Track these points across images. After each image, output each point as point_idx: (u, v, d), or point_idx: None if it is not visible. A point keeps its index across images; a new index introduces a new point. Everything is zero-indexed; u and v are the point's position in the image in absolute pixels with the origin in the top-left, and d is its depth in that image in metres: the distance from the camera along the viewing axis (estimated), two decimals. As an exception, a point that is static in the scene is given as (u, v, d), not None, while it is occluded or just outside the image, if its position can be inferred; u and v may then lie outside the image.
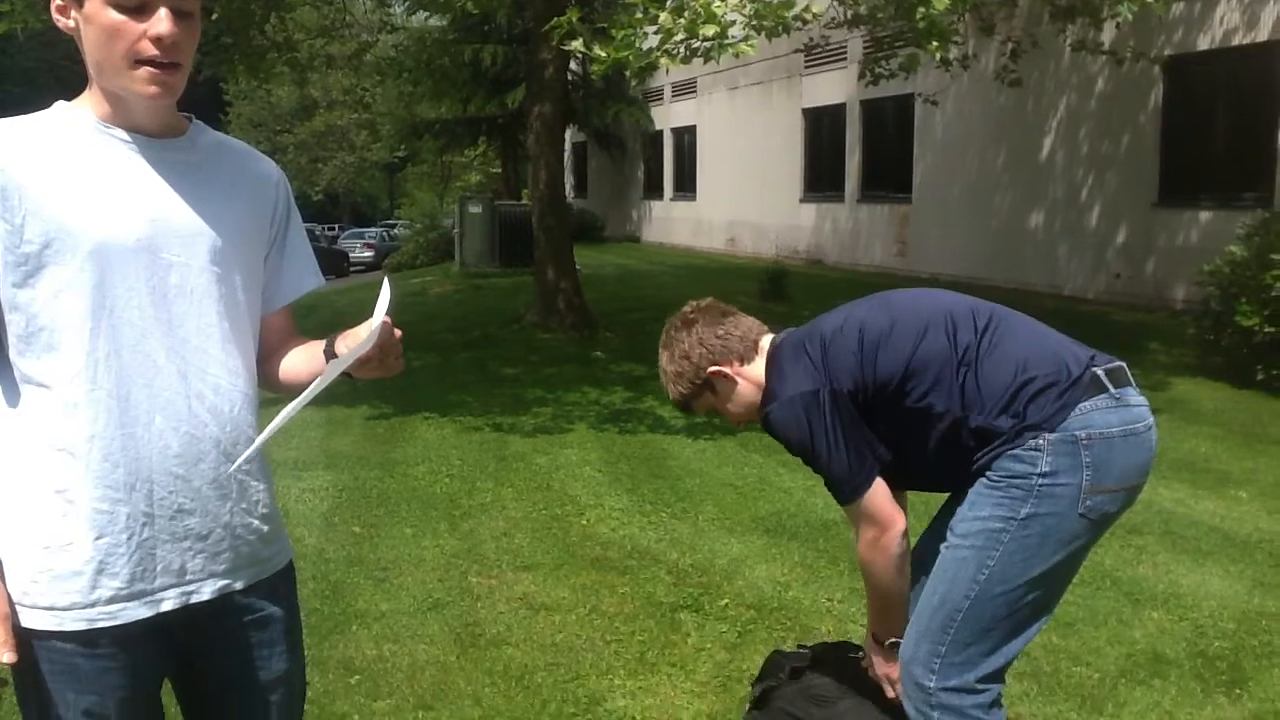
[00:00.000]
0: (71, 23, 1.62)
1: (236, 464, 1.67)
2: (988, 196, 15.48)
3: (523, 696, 3.45)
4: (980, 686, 2.29)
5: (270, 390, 1.87)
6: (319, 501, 5.70)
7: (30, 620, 1.61)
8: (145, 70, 1.59)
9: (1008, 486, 2.23)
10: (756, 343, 2.54)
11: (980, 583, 2.25)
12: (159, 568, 1.66)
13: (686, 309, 2.63)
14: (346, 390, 1.72)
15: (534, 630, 3.97)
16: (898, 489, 2.44)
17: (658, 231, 27.87)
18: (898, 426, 2.34)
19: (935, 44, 8.94)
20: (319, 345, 1.82)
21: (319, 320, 14.10)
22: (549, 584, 4.43)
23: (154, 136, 1.68)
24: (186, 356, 1.67)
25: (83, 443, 1.60)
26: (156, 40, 1.58)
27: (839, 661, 2.72)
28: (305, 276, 1.91)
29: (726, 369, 2.51)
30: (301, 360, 1.85)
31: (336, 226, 46.90)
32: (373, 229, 42.09)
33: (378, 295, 1.66)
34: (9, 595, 1.61)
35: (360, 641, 3.89)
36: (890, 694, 2.49)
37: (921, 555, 2.56)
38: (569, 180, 23.21)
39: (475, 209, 21.01)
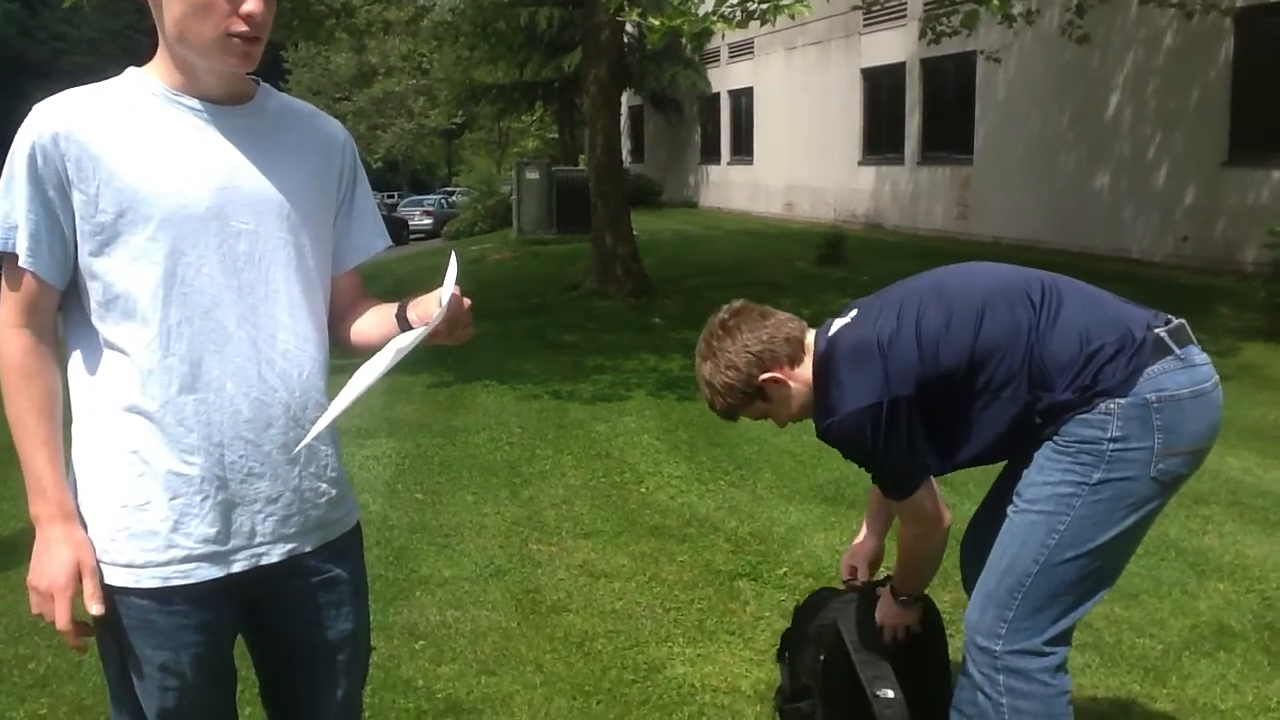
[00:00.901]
0: None
1: (307, 439, 1.70)
2: (1051, 157, 15.19)
3: (583, 663, 3.50)
4: (1047, 649, 2.28)
5: (342, 353, 1.90)
6: (382, 469, 5.79)
7: (110, 576, 1.68)
8: (232, 42, 1.62)
9: (1077, 452, 2.21)
10: (801, 341, 2.46)
11: (1050, 547, 2.23)
12: (231, 529, 1.71)
13: (722, 315, 2.50)
14: (409, 358, 1.75)
15: (594, 597, 4.02)
16: (966, 468, 2.43)
17: (715, 196, 27.75)
18: (967, 412, 2.31)
19: (998, 1, 8.78)
20: (389, 309, 1.85)
21: (381, 288, 14.24)
22: (608, 551, 4.47)
23: (222, 104, 1.71)
24: (256, 323, 1.71)
25: (157, 407, 1.66)
26: (247, 18, 1.61)
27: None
28: (374, 238, 1.95)
29: (778, 374, 2.42)
30: (373, 324, 1.88)
31: (396, 194, 47.23)
32: (431, 196, 42.31)
33: (445, 268, 1.69)
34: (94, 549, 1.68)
35: (424, 607, 3.96)
36: (886, 637, 2.63)
37: (981, 523, 2.56)
38: (625, 145, 23.15)
39: (532, 175, 21.05)
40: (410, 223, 35.05)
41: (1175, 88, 13.00)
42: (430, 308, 1.73)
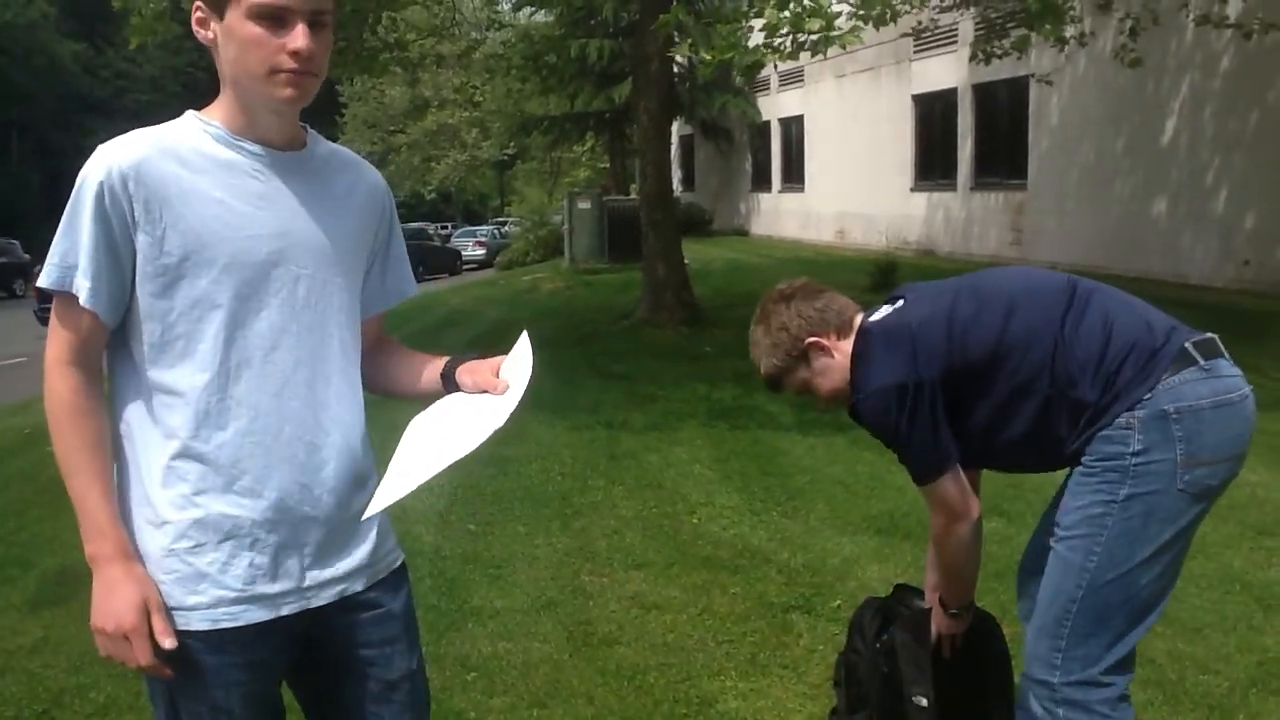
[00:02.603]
0: (211, 34, 1.67)
1: (381, 506, 1.69)
2: (1107, 182, 15.02)
3: (635, 696, 3.48)
4: (1105, 680, 2.25)
5: (366, 391, 1.91)
6: (435, 499, 5.81)
7: None
8: (280, 76, 1.65)
9: (1103, 471, 2.22)
10: (851, 320, 2.56)
11: (1090, 570, 2.23)
12: (279, 571, 1.72)
13: (782, 286, 2.66)
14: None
15: (645, 629, 4.00)
16: (991, 468, 2.52)
17: (766, 224, 27.73)
18: (992, 406, 2.34)
19: (1049, 24, 8.73)
20: (426, 360, 1.91)
21: (434, 318, 14.37)
22: (660, 583, 4.45)
23: (279, 149, 1.74)
24: (314, 366, 1.74)
25: (212, 449, 1.67)
26: (294, 54, 1.64)
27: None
28: (406, 284, 2.00)
29: (824, 340, 2.53)
30: (410, 373, 1.93)
31: (449, 225, 47.70)
32: (484, 227, 42.67)
33: (518, 355, 1.80)
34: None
35: (476, 638, 3.97)
36: (946, 651, 2.64)
37: (1034, 555, 2.53)
38: (676, 174, 23.24)
39: (584, 205, 21.17)
40: (463, 253, 35.38)
41: (1233, 110, 12.81)
42: (486, 377, 1.81)
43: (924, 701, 2.63)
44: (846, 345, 2.53)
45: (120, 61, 47.34)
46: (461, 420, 1.78)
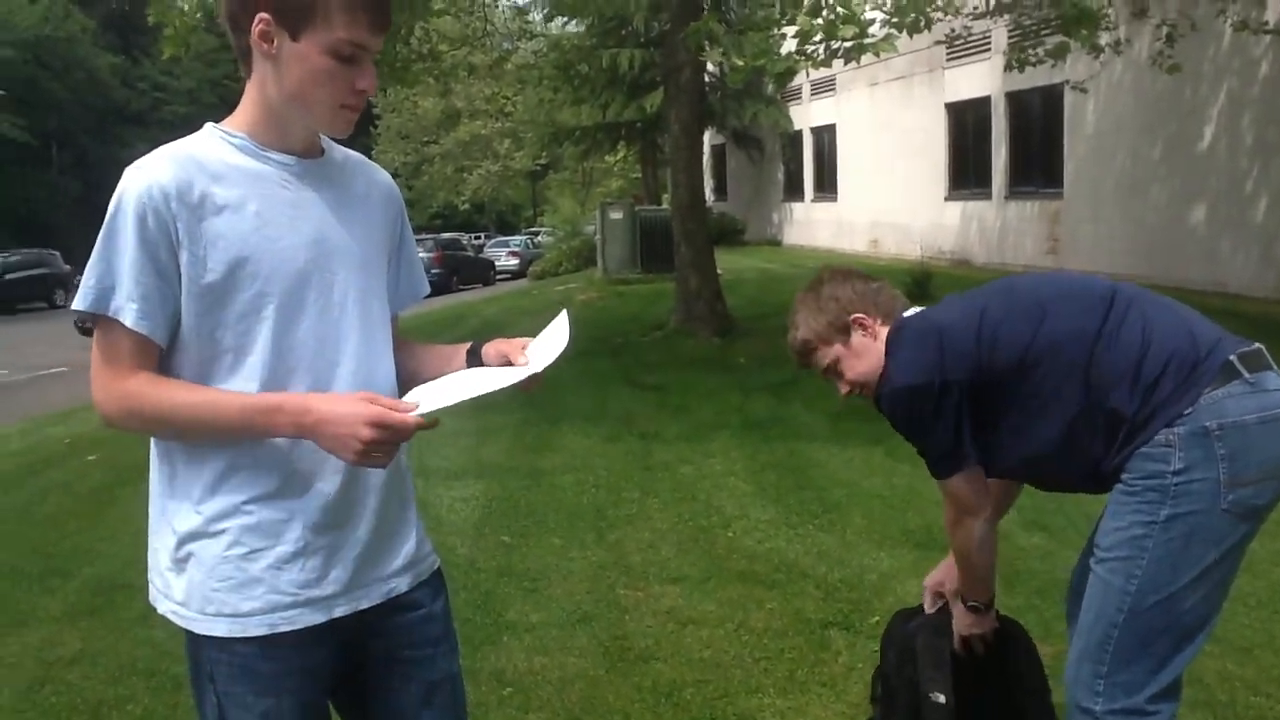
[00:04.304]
0: (273, 50, 1.65)
1: (421, 411, 1.66)
2: (1144, 189, 14.85)
3: (671, 713, 3.45)
4: (1150, 708, 2.18)
5: None
6: (470, 511, 5.82)
7: (214, 628, 1.70)
8: (344, 112, 1.70)
9: (1144, 490, 2.15)
10: (894, 311, 2.55)
11: (1132, 594, 2.16)
12: (329, 576, 1.73)
13: (838, 265, 2.69)
14: (496, 399, 1.78)
15: (682, 645, 3.97)
16: (1025, 480, 2.51)
17: (799, 234, 27.65)
18: (1021, 413, 2.30)
19: (1085, 31, 8.66)
20: (450, 348, 1.94)
21: (468, 329, 14.43)
22: (696, 597, 4.42)
23: (303, 157, 1.75)
24: (354, 369, 1.75)
25: (264, 456, 1.68)
26: (360, 93, 1.69)
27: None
28: (420, 284, 2.01)
29: (869, 319, 2.52)
30: (433, 361, 1.94)
31: (482, 235, 47.92)
32: (517, 237, 42.86)
33: (551, 334, 1.80)
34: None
35: (511, 653, 3.95)
36: (956, 645, 2.60)
37: (1079, 577, 2.48)
38: (708, 183, 23.22)
39: (616, 215, 21.18)
40: (496, 263, 35.54)
41: (1273, 116, 12.63)
42: (511, 349, 1.82)
43: (941, 699, 2.59)
44: (885, 333, 2.51)
45: (157, 74, 47.98)
46: (486, 373, 1.81)
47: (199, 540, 1.69)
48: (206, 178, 1.64)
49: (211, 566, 1.68)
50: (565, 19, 19.22)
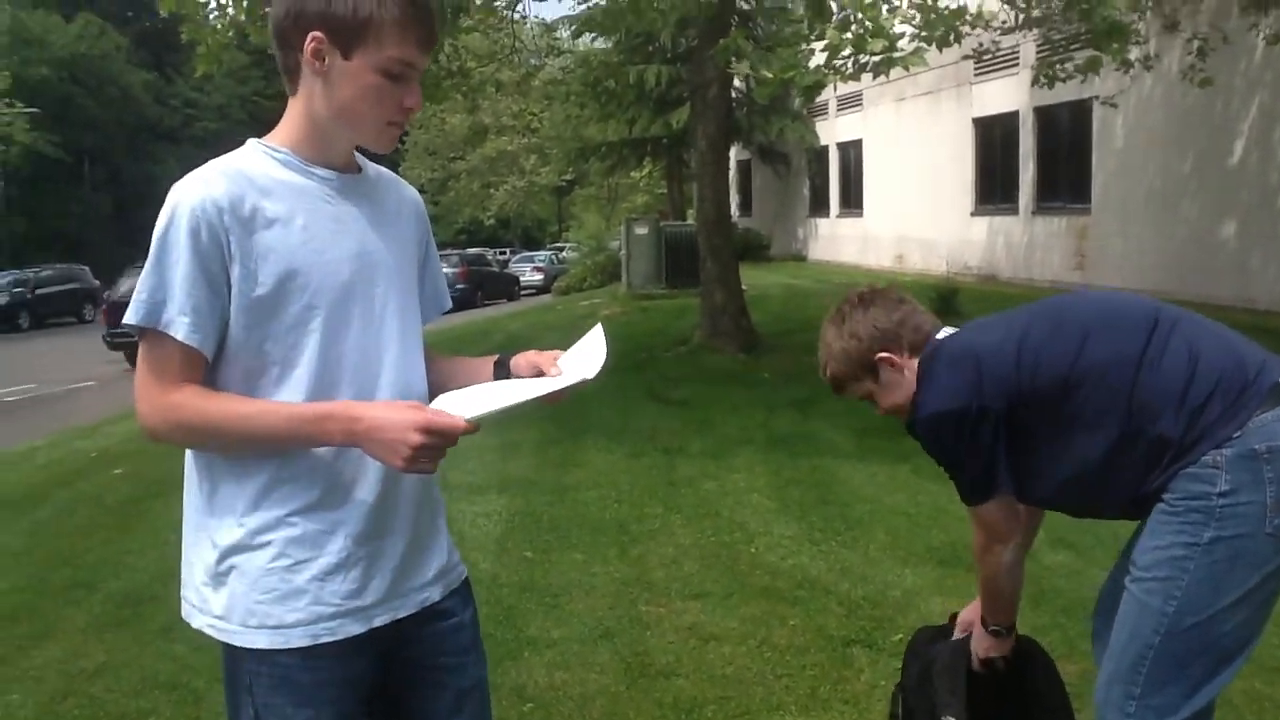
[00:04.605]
0: (324, 68, 1.68)
1: (474, 415, 1.66)
2: (1173, 204, 14.74)
3: (693, 730, 3.43)
4: None
5: None
6: (492, 526, 5.81)
7: (255, 641, 1.70)
8: (391, 129, 1.74)
9: (1187, 511, 2.10)
10: (927, 336, 2.46)
11: (1169, 615, 2.11)
12: (369, 585, 1.75)
13: (863, 289, 2.57)
14: (523, 412, 1.78)
15: (703, 661, 3.94)
16: (1061, 510, 2.44)
17: (824, 249, 27.59)
18: (1063, 439, 2.24)
19: (1115, 45, 8.61)
20: (478, 360, 1.95)
21: (492, 344, 14.46)
22: (718, 613, 4.40)
23: (343, 173, 1.78)
24: (393, 380, 1.77)
25: (308, 469, 1.69)
26: (408, 111, 1.73)
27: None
28: (443, 297, 2.02)
29: (895, 357, 2.43)
30: (460, 372, 1.94)
31: (508, 250, 48.12)
32: (542, 252, 43.01)
33: (584, 347, 1.82)
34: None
35: (533, 668, 3.94)
36: (975, 664, 2.53)
37: (1108, 596, 2.44)
38: (734, 198, 23.20)
39: (641, 230, 21.22)
40: (521, 279, 35.65)
41: (1305, 131, 12.53)
42: (543, 360, 1.84)
43: None
44: (915, 363, 2.44)
45: (189, 91, 48.51)
46: (517, 384, 1.83)
47: (242, 553, 1.70)
48: (256, 192, 1.67)
49: (255, 579, 1.69)
50: (593, 35, 19.28)
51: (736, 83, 13.87)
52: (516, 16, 14.83)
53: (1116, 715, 2.19)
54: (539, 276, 36.20)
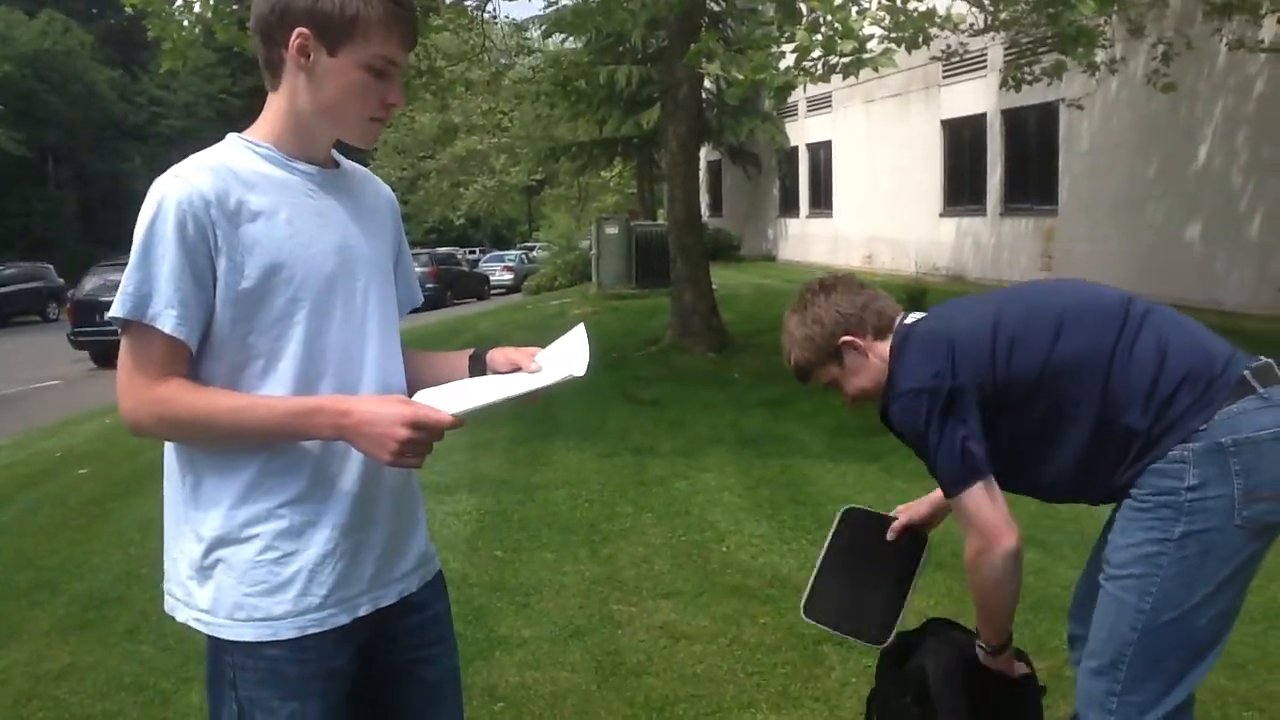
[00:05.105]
0: (308, 64, 1.70)
1: (458, 410, 1.68)
2: (1139, 207, 14.89)
3: (664, 729, 3.43)
4: None
5: None
6: (462, 525, 5.79)
7: (242, 634, 1.71)
8: (372, 125, 1.76)
9: (1156, 507, 2.12)
10: (891, 321, 2.45)
11: (1146, 612, 2.12)
12: (354, 575, 1.77)
13: (824, 277, 2.56)
14: (491, 413, 1.78)
15: (674, 660, 3.94)
16: (1031, 495, 2.39)
17: (794, 249, 27.68)
18: (1032, 429, 2.24)
19: (1082, 49, 8.68)
20: (451, 355, 1.98)
21: (462, 343, 14.36)
22: (689, 612, 4.40)
23: (323, 168, 1.80)
24: (375, 374, 1.78)
25: (294, 462, 1.70)
26: (390, 107, 1.75)
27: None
28: (415, 292, 2.03)
29: (859, 340, 2.43)
30: (432, 367, 1.96)
31: (477, 250, 47.96)
32: (512, 252, 42.89)
33: (563, 346, 1.85)
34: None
35: (503, 668, 3.93)
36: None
37: (1083, 599, 2.45)
38: (704, 199, 23.26)
39: (611, 230, 21.21)
40: (491, 278, 35.55)
41: (1268, 135, 12.68)
42: (521, 357, 1.86)
43: None
44: (883, 347, 2.42)
45: (154, 88, 47.97)
46: (497, 381, 1.84)
47: (229, 546, 1.70)
48: (241, 186, 1.68)
49: (243, 572, 1.70)
50: (563, 35, 19.24)
51: (707, 83, 13.91)
52: (487, 16, 14.80)
53: (1099, 713, 2.19)
54: (509, 276, 36.12)
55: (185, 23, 10.52)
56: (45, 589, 5.05)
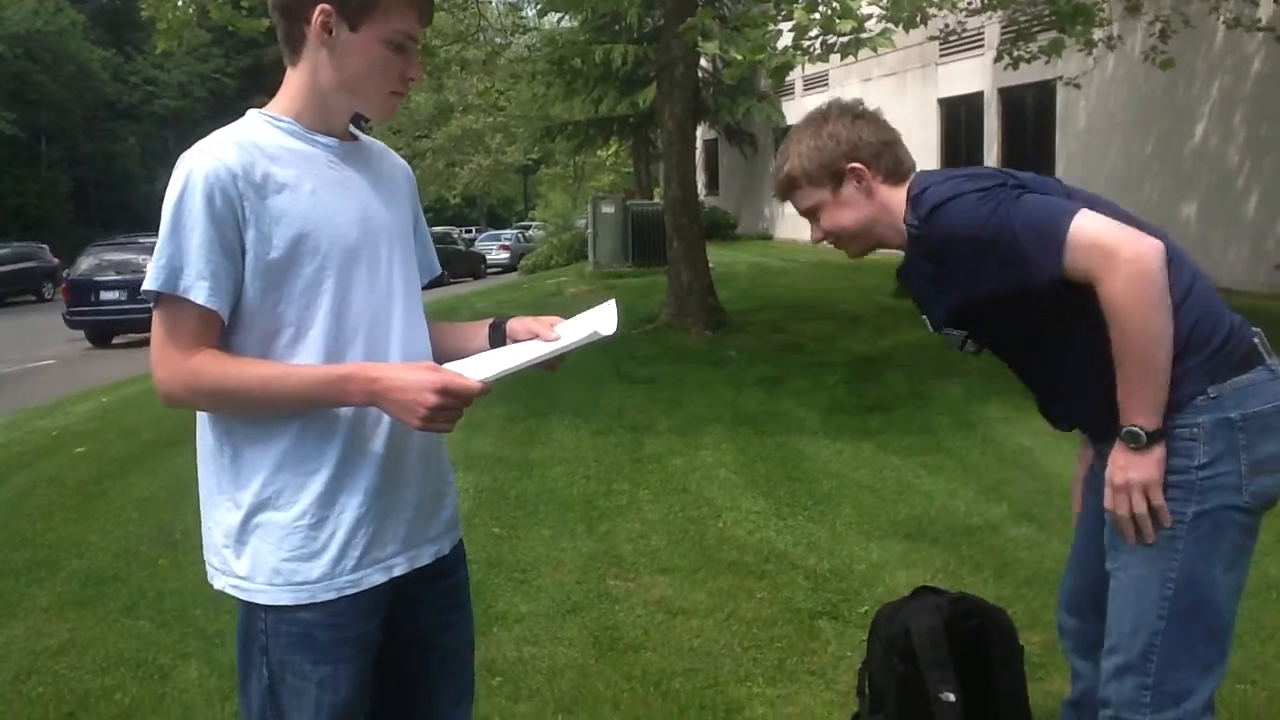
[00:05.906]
0: (330, 39, 1.73)
1: (486, 377, 1.71)
2: (1135, 185, 14.89)
3: (661, 703, 3.44)
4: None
5: None
6: (460, 502, 5.79)
7: (280, 598, 1.74)
8: (392, 98, 1.81)
9: (1168, 487, 2.04)
10: (910, 171, 2.24)
11: (1169, 598, 2.05)
12: (388, 536, 1.81)
13: (857, 102, 2.29)
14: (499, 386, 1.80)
15: (671, 635, 3.96)
16: (1047, 403, 2.29)
17: (790, 228, 27.62)
18: (1062, 326, 2.10)
19: (1079, 26, 8.66)
20: (470, 325, 2.02)
21: (460, 321, 14.39)
22: (686, 587, 4.42)
23: (342, 140, 1.84)
24: (401, 341, 1.82)
25: (327, 428, 1.74)
26: (409, 80, 1.81)
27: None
28: (434, 261, 2.07)
29: (868, 172, 2.20)
30: (453, 337, 2.02)
31: (473, 229, 47.87)
32: (508, 231, 42.89)
33: (590, 317, 1.87)
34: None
35: (501, 643, 3.94)
36: (1107, 503, 2.11)
37: (1079, 586, 2.41)
38: (700, 178, 23.20)
39: (608, 209, 21.19)
40: (488, 257, 35.51)
41: (1265, 114, 12.68)
42: (541, 326, 1.90)
43: (951, 697, 2.61)
44: (889, 192, 2.21)
45: (148, 68, 47.72)
46: (520, 348, 1.88)
47: (266, 512, 1.75)
48: (266, 159, 1.72)
49: (281, 538, 1.74)
50: (559, 14, 19.15)
51: (703, 62, 13.86)
52: (482, -6, 14.74)
53: (1132, 708, 2.10)
54: (505, 255, 36.09)
55: (179, 2, 10.48)
56: (43, 567, 5.06)
